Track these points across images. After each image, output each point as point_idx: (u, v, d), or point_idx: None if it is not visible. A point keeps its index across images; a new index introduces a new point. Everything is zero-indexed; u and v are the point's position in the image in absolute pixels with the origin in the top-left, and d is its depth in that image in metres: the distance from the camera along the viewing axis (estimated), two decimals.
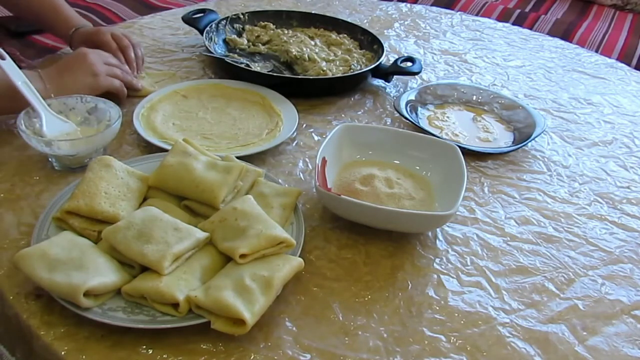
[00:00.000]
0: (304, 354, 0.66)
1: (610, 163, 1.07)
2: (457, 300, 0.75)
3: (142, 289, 0.66)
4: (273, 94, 1.13)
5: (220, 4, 1.58)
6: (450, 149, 0.91)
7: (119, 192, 0.78)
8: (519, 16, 2.35)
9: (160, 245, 0.68)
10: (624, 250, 0.87)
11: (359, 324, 0.71)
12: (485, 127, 1.13)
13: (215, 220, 0.75)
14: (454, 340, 0.70)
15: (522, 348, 0.70)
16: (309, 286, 0.75)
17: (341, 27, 1.40)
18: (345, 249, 0.81)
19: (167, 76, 1.19)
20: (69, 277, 0.65)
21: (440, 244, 0.84)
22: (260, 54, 1.30)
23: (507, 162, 1.04)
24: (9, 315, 0.69)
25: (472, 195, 0.95)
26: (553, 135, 1.14)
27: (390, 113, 1.16)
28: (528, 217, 0.92)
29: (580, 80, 1.38)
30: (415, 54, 1.40)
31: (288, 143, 1.03)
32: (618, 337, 0.73)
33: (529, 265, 0.82)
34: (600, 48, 2.16)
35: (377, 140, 0.95)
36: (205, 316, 0.65)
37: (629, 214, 0.95)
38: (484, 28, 1.62)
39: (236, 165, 0.82)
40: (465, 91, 1.21)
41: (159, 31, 1.39)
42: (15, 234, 0.78)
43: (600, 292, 0.79)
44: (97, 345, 0.64)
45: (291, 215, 0.81)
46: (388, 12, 1.66)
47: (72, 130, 0.92)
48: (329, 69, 1.21)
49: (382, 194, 0.85)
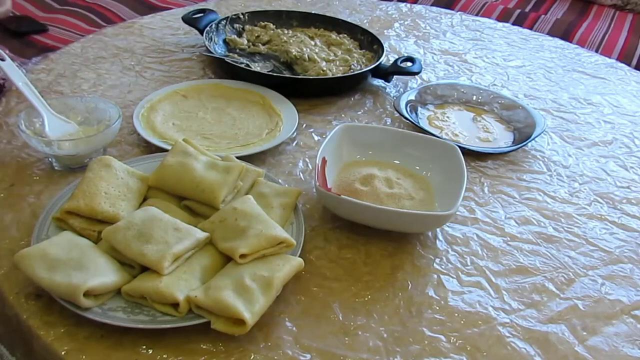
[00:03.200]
0: (304, 354, 0.66)
1: (610, 163, 1.07)
2: (457, 300, 0.75)
3: (142, 289, 0.66)
4: (273, 94, 1.13)
5: (220, 4, 1.58)
6: (450, 149, 0.91)
7: (119, 192, 0.78)
8: (519, 16, 2.34)
9: (160, 245, 0.68)
10: (624, 250, 0.87)
11: (359, 324, 0.71)
12: (485, 127, 1.13)
13: (215, 220, 0.75)
14: (454, 340, 0.70)
15: (522, 348, 0.70)
16: (309, 286, 0.75)
17: (341, 27, 1.40)
18: (345, 249, 0.81)
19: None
20: (69, 277, 0.65)
21: (440, 244, 0.84)
22: (260, 54, 1.30)
23: (507, 162, 1.04)
24: (9, 315, 0.69)
25: (472, 195, 0.95)
26: (553, 135, 1.14)
27: (390, 113, 1.16)
28: (528, 217, 0.92)
29: (580, 80, 1.38)
30: (415, 54, 1.40)
31: (288, 143, 1.03)
32: (618, 337, 0.73)
33: (529, 265, 0.82)
34: (600, 48, 2.16)
35: (377, 140, 0.95)
36: (205, 316, 0.65)
37: (629, 214, 0.95)
38: (484, 28, 1.62)
39: (236, 165, 0.82)
40: (465, 91, 1.21)
41: (159, 31, 1.39)
42: (15, 234, 0.78)
43: (600, 292, 0.79)
44: (97, 346, 0.64)
45: (291, 215, 0.81)
46: (388, 12, 1.65)
47: (74, 130, 0.92)
48: (329, 69, 1.21)
49: (382, 194, 0.85)
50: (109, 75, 1.17)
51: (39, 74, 1.15)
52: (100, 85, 1.14)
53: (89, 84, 1.13)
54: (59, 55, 1.24)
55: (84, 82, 1.14)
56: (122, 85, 1.14)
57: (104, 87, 1.14)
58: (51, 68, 1.18)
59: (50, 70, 1.17)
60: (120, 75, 1.18)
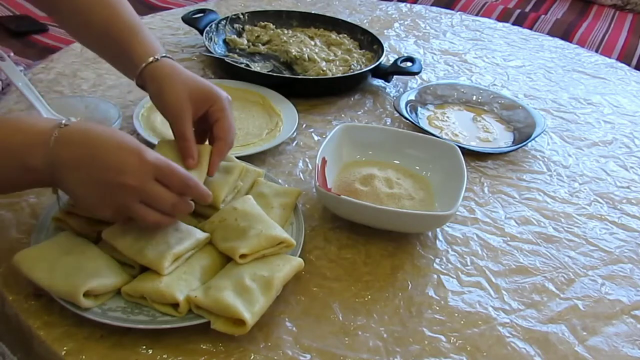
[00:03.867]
0: (304, 354, 0.66)
1: (610, 163, 1.07)
2: (457, 300, 0.75)
3: (142, 289, 0.66)
4: (273, 94, 1.13)
5: (220, 4, 1.58)
6: (450, 149, 0.91)
7: None
8: (519, 16, 2.35)
9: (160, 246, 0.68)
10: (624, 250, 0.87)
11: (359, 324, 0.71)
12: (485, 127, 1.13)
13: (215, 220, 0.75)
14: (454, 340, 0.70)
15: (522, 348, 0.70)
16: (309, 286, 0.75)
17: (341, 27, 1.40)
18: (345, 249, 0.81)
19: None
20: (68, 277, 0.65)
21: (440, 244, 0.84)
22: (260, 54, 1.30)
23: (507, 162, 1.04)
24: (9, 315, 0.69)
25: (472, 195, 0.95)
26: (553, 135, 1.14)
27: (390, 113, 1.16)
28: (528, 217, 0.92)
29: (580, 80, 1.38)
30: (415, 54, 1.40)
31: (288, 143, 1.03)
32: (618, 337, 0.73)
33: (529, 265, 0.82)
34: (600, 48, 2.16)
35: (377, 140, 0.95)
36: (205, 316, 0.65)
37: (629, 214, 0.95)
38: (484, 28, 1.62)
39: (236, 166, 0.82)
40: (465, 91, 1.21)
41: (159, 31, 1.39)
42: (15, 234, 0.78)
43: (600, 292, 0.79)
44: (97, 346, 0.64)
45: (291, 216, 0.81)
46: (388, 12, 1.65)
47: None
48: (329, 69, 1.21)
49: (382, 194, 0.85)
50: (109, 75, 1.17)
51: (39, 74, 1.15)
52: (100, 85, 1.14)
53: (89, 84, 1.13)
54: (59, 55, 1.23)
55: (84, 82, 1.14)
56: (122, 85, 1.14)
57: (104, 87, 1.13)
58: (51, 68, 1.18)
59: (50, 70, 1.17)
60: (120, 75, 1.16)
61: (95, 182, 0.63)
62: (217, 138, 0.76)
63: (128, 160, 0.63)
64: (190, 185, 0.66)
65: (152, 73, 0.77)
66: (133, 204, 0.64)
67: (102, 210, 0.65)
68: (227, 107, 0.77)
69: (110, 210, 0.64)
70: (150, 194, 0.63)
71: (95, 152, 0.63)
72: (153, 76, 0.77)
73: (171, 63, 0.78)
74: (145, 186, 0.63)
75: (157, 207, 0.65)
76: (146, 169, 0.63)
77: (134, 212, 0.64)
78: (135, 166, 0.63)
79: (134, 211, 0.64)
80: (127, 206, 0.64)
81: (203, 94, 0.76)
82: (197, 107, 0.76)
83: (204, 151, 0.76)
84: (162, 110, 0.77)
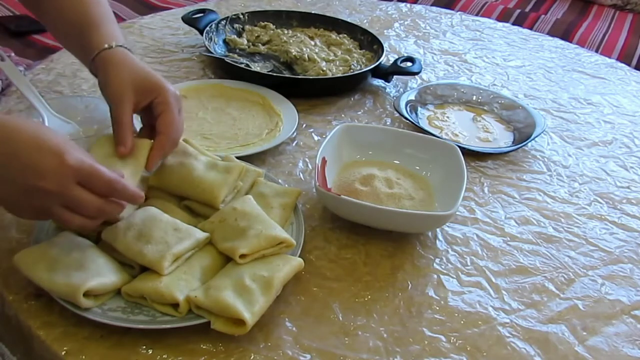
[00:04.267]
0: (304, 354, 0.66)
1: (610, 163, 1.07)
2: (457, 300, 0.75)
3: (142, 289, 0.66)
4: (273, 94, 1.13)
5: (220, 4, 1.58)
6: (450, 149, 0.91)
7: None
8: (519, 16, 2.35)
9: (160, 246, 0.68)
10: (624, 250, 0.87)
11: (359, 324, 0.71)
12: (485, 127, 1.13)
13: (215, 220, 0.75)
14: (454, 340, 0.70)
15: (522, 348, 0.70)
16: (309, 286, 0.75)
17: (341, 27, 1.40)
18: (345, 249, 0.81)
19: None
20: (68, 277, 0.65)
21: (440, 244, 0.84)
22: (260, 54, 1.30)
23: (507, 162, 1.04)
24: (9, 315, 0.69)
25: (472, 195, 0.95)
26: (553, 135, 1.14)
27: (390, 113, 1.16)
28: (528, 217, 0.92)
29: (580, 80, 1.38)
30: (415, 54, 1.40)
31: (288, 143, 1.03)
32: (618, 337, 0.73)
33: (529, 265, 0.82)
34: (600, 48, 2.16)
35: (377, 140, 0.95)
36: (205, 316, 0.65)
37: (629, 214, 0.95)
38: (484, 28, 1.62)
39: (236, 166, 0.82)
40: (465, 91, 1.21)
41: (159, 31, 1.39)
42: (15, 234, 0.78)
43: (600, 292, 0.79)
44: (97, 346, 0.64)
45: (291, 216, 0.81)
46: (388, 12, 1.65)
47: (75, 131, 0.91)
48: (328, 69, 1.21)
49: (382, 194, 0.85)
50: None
51: (39, 74, 1.15)
52: None
53: (89, 84, 1.13)
54: (59, 55, 1.23)
55: (84, 82, 1.14)
56: None
57: None
58: (51, 68, 1.18)
59: (50, 70, 1.17)
60: None
61: (12, 183, 0.60)
62: (158, 132, 0.74)
63: (47, 163, 0.59)
64: (117, 189, 0.64)
65: (103, 60, 0.76)
66: (53, 208, 0.61)
67: (21, 212, 0.63)
68: (171, 101, 0.75)
69: (30, 213, 0.62)
70: (71, 199, 0.61)
71: (13, 151, 0.59)
72: (103, 63, 0.76)
73: (123, 51, 0.77)
74: (65, 191, 0.60)
75: (80, 212, 0.62)
76: (66, 172, 0.60)
77: (55, 217, 0.62)
78: (54, 169, 0.59)
79: (55, 215, 0.62)
80: (47, 210, 0.61)
81: (148, 85, 0.74)
82: (140, 97, 0.74)
83: (142, 145, 0.74)
84: (105, 97, 0.75)
